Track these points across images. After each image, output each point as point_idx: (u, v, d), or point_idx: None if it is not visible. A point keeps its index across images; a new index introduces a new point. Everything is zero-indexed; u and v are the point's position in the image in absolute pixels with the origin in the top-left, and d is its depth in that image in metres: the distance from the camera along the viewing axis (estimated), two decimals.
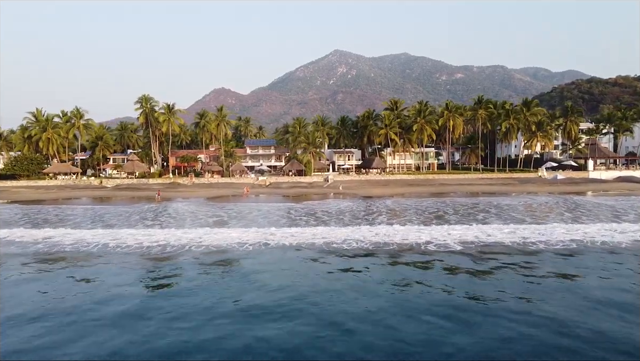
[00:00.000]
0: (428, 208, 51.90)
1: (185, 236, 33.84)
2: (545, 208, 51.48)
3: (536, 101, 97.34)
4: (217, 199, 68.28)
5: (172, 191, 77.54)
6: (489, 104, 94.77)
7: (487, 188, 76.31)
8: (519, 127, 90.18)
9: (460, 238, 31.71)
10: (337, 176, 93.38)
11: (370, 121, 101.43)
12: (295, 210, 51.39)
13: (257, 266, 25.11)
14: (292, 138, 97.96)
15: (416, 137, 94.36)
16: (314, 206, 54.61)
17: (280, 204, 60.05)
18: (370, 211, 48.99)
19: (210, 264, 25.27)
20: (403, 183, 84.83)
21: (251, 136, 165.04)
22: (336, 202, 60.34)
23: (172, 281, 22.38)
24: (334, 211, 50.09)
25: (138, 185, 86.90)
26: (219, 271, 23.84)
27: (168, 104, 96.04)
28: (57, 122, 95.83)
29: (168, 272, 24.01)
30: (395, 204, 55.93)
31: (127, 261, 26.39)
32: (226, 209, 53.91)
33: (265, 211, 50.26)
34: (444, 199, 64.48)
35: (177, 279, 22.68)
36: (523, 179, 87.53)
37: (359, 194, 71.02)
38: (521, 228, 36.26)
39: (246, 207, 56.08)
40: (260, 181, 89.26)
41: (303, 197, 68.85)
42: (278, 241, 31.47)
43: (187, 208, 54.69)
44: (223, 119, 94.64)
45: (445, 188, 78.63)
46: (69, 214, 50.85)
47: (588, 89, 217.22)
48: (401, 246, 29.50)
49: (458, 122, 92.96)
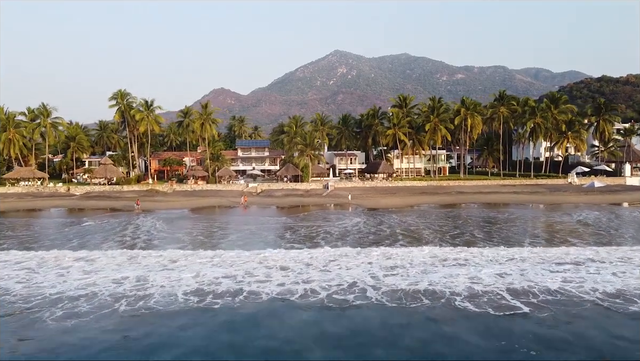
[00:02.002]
0: (450, 226, 43.22)
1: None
2: (606, 226, 42.48)
3: (565, 97, 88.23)
4: (201, 211, 59.64)
5: (149, 200, 68.88)
6: (512, 101, 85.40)
7: (514, 198, 67.56)
8: (547, 127, 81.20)
9: (509, 283, 23.12)
10: (339, 183, 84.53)
11: (375, 119, 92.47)
12: (287, 228, 42.57)
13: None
14: (288, 139, 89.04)
15: (429, 138, 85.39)
16: (311, 224, 45.75)
17: (271, 219, 51.21)
18: (380, 233, 40.20)
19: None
20: (414, 191, 76.06)
21: (246, 137, 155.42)
22: (338, 216, 51.59)
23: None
24: (337, 231, 41.29)
25: (110, 193, 78.20)
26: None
27: (146, 100, 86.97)
28: (20, 121, 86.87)
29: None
30: (409, 220, 47.21)
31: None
32: (201, 227, 45.04)
33: (248, 234, 41.28)
34: (465, 212, 55.73)
35: None
36: (551, 186, 78.73)
37: (365, 205, 62.24)
38: (595, 268, 27.50)
39: (229, 224, 47.24)
40: (250, 188, 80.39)
41: (299, 209, 60.21)
42: (256, 291, 22.71)
43: (158, 226, 45.73)
44: (208, 117, 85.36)
45: (463, 197, 69.94)
46: (8, 235, 41.99)
47: (598, 87, 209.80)
48: (432, 297, 20.83)
49: (477, 121, 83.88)
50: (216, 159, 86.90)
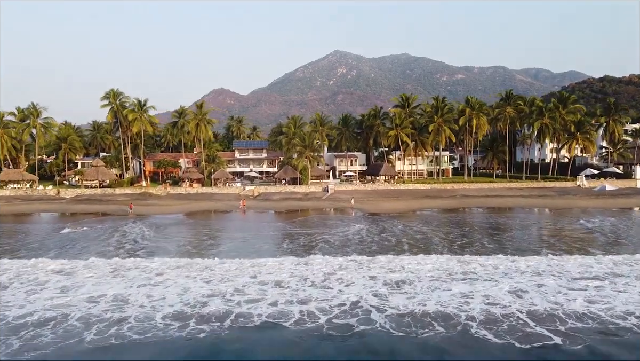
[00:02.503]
0: (457, 233, 40.76)
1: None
2: (624, 234, 40.08)
3: (574, 97, 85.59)
4: (195, 216, 57.36)
5: (141, 204, 66.54)
6: (519, 101, 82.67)
7: (521, 202, 65.15)
8: (555, 128, 78.65)
9: (529, 305, 20.80)
10: (339, 186, 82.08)
11: (377, 120, 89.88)
12: (284, 236, 40.13)
13: None
14: (286, 140, 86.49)
15: (432, 139, 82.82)
16: (311, 231, 43.40)
17: (267, 225, 48.83)
18: (384, 242, 37.77)
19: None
20: (417, 194, 73.62)
21: (244, 137, 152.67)
22: (338, 222, 49.18)
23: None
24: (337, 239, 38.93)
25: (102, 196, 75.81)
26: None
27: (139, 100, 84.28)
28: (9, 121, 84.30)
29: None
30: (413, 227, 44.75)
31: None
32: (194, 234, 42.63)
33: (242, 242, 38.87)
34: (472, 217, 53.31)
35: None
36: (559, 189, 76.26)
37: (366, 209, 59.82)
38: (622, 285, 25.19)
39: (223, 231, 44.85)
40: (247, 191, 77.94)
41: (297, 214, 57.83)
42: (246, 314, 20.37)
43: (147, 234, 43.32)
44: (203, 117, 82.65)
45: (469, 201, 67.55)
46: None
47: (601, 88, 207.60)
48: (445, 323, 18.47)
49: (482, 121, 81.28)
50: (212, 161, 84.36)
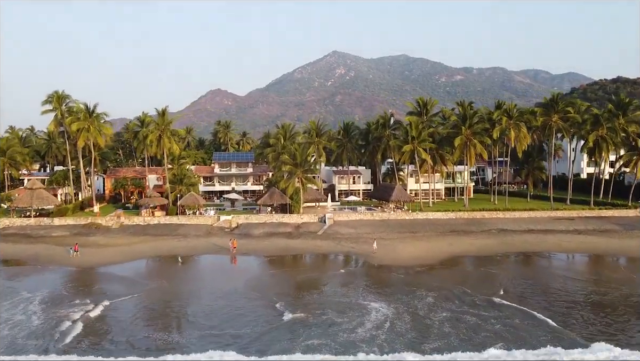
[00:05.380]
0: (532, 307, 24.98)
1: None
2: None
3: (636, 102, 69.69)
4: (151, 268, 42.89)
5: (85, 243, 51.77)
6: (569, 108, 66.12)
7: (582, 243, 50.67)
8: (615, 142, 63.06)
9: None
10: (339, 214, 66.13)
11: (386, 130, 74.15)
12: (255, 335, 24.37)
13: None
14: (274, 155, 70.54)
15: (457, 156, 66.96)
16: (298, 315, 27.72)
17: (239, 299, 32.95)
18: (420, 344, 21.93)
19: None
20: (440, 228, 58.52)
21: (232, 144, 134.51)
22: (343, 291, 33.58)
23: None
24: (341, 341, 23.09)
25: (34, 229, 60.39)
26: None
27: (87, 105, 67.71)
28: None
29: None
30: (454, 300, 28.85)
31: None
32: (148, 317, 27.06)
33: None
34: (533, 272, 37.34)
35: None
36: (620, 220, 61.31)
37: (378, 258, 44.26)
38: None
39: (180, 309, 29.24)
40: (222, 222, 62.23)
41: (284, 265, 42.82)
42: None
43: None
44: (166, 128, 65.87)
45: (510, 239, 53.21)
46: None
47: (614, 89, 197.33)
48: None
49: (523, 133, 65.19)
50: (179, 182, 67.96)
